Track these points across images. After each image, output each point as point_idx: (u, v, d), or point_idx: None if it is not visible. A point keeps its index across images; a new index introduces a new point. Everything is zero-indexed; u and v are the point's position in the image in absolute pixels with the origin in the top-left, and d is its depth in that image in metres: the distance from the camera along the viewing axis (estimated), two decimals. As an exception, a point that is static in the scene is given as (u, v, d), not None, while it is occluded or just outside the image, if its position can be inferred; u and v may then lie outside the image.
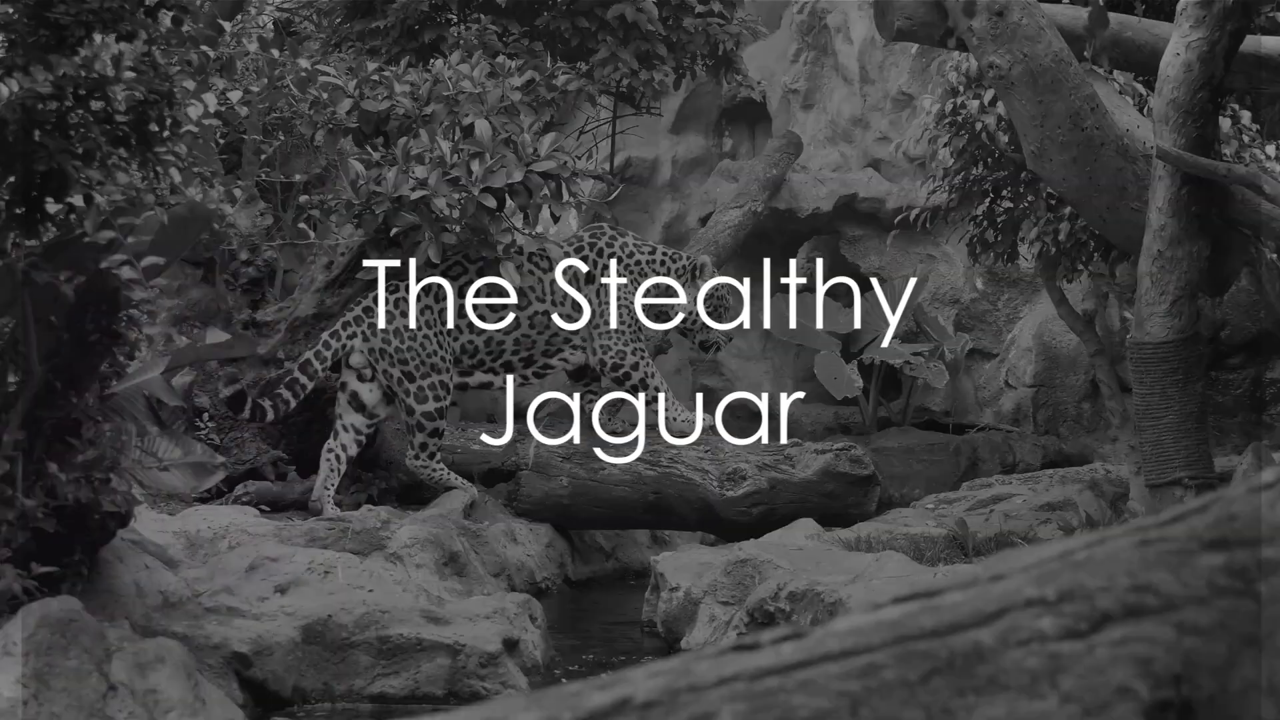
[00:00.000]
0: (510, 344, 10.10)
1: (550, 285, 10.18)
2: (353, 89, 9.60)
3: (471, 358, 10.08)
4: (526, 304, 10.11)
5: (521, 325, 10.09)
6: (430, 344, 9.85)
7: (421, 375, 9.81)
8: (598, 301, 10.24)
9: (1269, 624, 1.86)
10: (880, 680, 1.77)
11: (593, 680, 1.86)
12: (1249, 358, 14.05)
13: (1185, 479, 7.70)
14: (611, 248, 10.39)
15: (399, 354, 9.79)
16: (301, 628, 6.91)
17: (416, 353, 9.82)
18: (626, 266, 10.35)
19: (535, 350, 10.19)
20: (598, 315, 10.22)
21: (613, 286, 10.28)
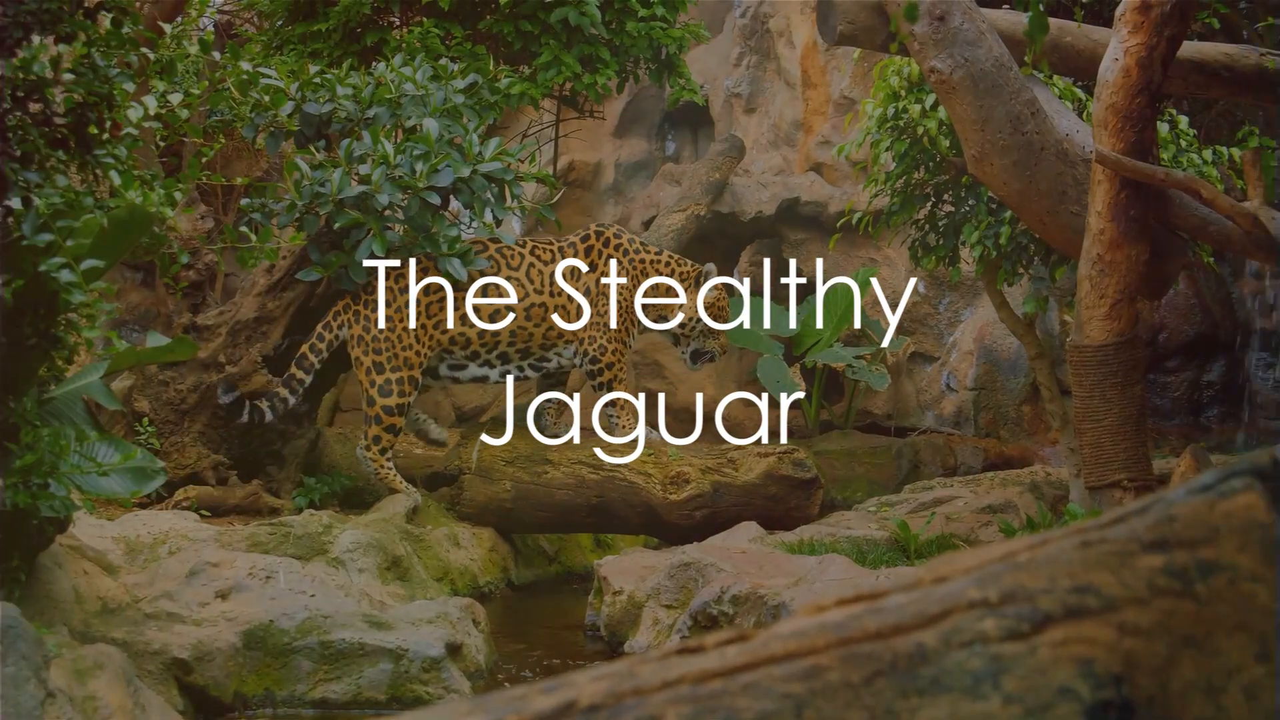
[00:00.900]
0: (505, 335, 10.12)
1: (549, 278, 10.21)
2: (294, 92, 9.55)
3: (464, 349, 10.08)
4: (524, 295, 10.14)
5: (518, 317, 10.12)
6: (408, 338, 9.87)
7: (392, 369, 9.83)
8: (595, 294, 10.25)
9: (1208, 624, 1.88)
10: (824, 682, 1.78)
11: (537, 684, 1.86)
12: (1186, 361, 14.18)
13: (1124, 481, 7.75)
14: (614, 247, 10.41)
15: (374, 343, 9.82)
16: (242, 633, 6.87)
17: (392, 345, 9.84)
18: (629, 266, 10.36)
19: (532, 343, 10.21)
20: (590, 298, 10.24)
21: (613, 285, 10.29)
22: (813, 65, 15.53)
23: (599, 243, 10.41)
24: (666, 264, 10.53)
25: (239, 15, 14.39)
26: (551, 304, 10.20)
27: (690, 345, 10.68)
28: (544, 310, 10.17)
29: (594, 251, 10.36)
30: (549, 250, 10.33)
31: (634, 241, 10.54)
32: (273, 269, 9.89)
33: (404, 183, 9.14)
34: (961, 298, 14.58)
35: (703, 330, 10.56)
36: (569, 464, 10.05)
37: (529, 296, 10.16)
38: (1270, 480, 1.99)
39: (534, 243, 10.41)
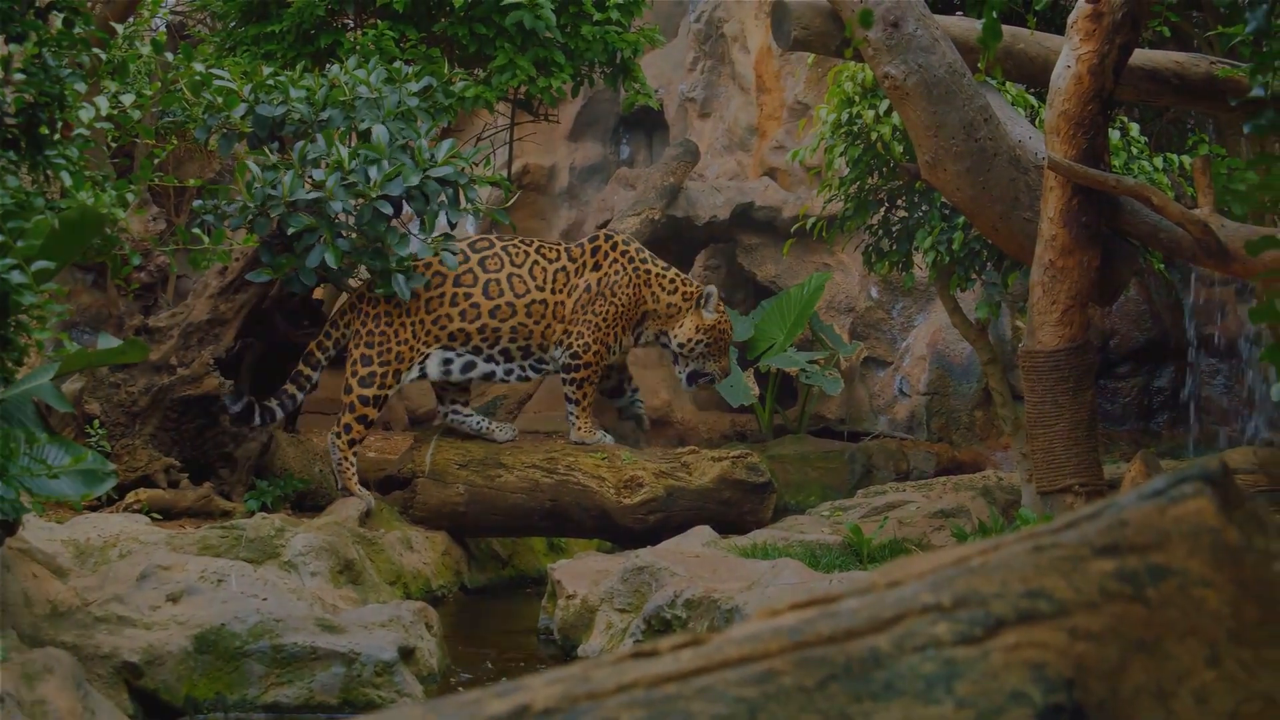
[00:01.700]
0: (507, 331, 10.13)
1: (553, 276, 10.21)
2: (247, 93, 9.51)
3: (465, 344, 10.10)
4: (525, 291, 10.14)
5: (518, 313, 10.12)
6: (404, 333, 9.91)
7: (380, 361, 9.88)
8: (594, 290, 10.23)
9: (1158, 629, 1.89)
10: (778, 686, 1.78)
11: (491, 688, 1.86)
12: (1137, 366, 14.27)
13: (1076, 486, 7.79)
14: (620, 252, 10.39)
15: (369, 336, 9.88)
16: (194, 637, 6.83)
17: (387, 339, 9.88)
18: (631, 274, 10.34)
19: (532, 341, 10.21)
20: (588, 303, 10.22)
21: (612, 283, 10.28)
22: (767, 70, 15.56)
23: (607, 245, 10.42)
24: (671, 280, 10.50)
25: (192, 16, 14.32)
26: (552, 301, 10.21)
27: (689, 366, 10.62)
28: (544, 308, 10.20)
29: (600, 253, 10.37)
30: (555, 249, 10.36)
31: (641, 252, 10.53)
32: (225, 271, 9.85)
33: (358, 191, 9.11)
34: (914, 303, 14.64)
35: (703, 352, 10.52)
36: (523, 468, 10.04)
37: (530, 293, 10.18)
38: (1220, 486, 2.00)
39: (540, 241, 10.45)
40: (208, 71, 9.50)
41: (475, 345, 10.14)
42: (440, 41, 12.07)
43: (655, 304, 10.39)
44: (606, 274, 10.28)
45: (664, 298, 10.40)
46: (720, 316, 10.51)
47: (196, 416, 9.76)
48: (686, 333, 10.43)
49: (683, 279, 10.60)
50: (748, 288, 15.39)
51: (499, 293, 10.14)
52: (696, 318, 10.43)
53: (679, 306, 10.44)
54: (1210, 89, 8.38)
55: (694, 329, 10.42)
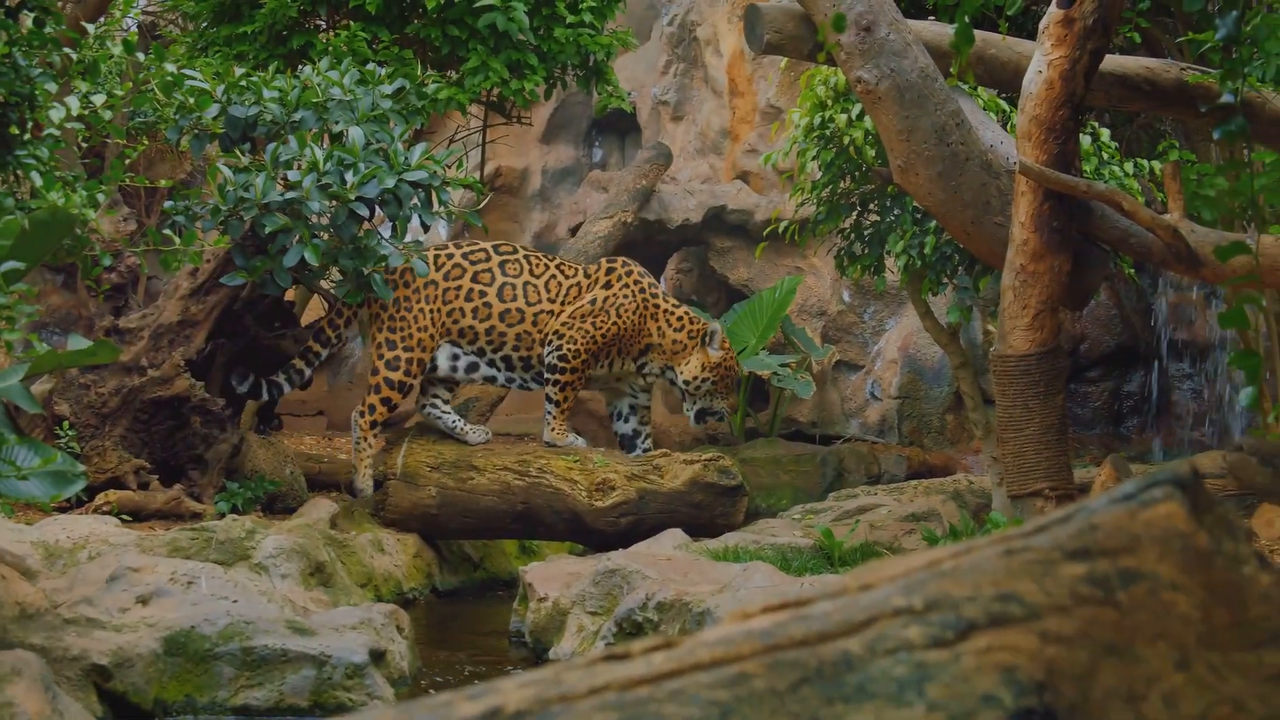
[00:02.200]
0: (512, 337, 10.16)
1: (566, 291, 10.23)
2: (220, 94, 9.48)
3: (471, 344, 10.14)
4: (536, 301, 10.16)
5: (525, 320, 10.14)
6: (424, 318, 9.96)
7: (404, 346, 9.94)
8: (597, 305, 10.24)
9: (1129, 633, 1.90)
10: (750, 689, 1.78)
11: (463, 690, 1.85)
12: (1107, 371, 14.33)
13: (1046, 490, 7.82)
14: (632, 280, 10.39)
15: (390, 321, 9.90)
16: (163, 639, 6.81)
17: (408, 324, 9.94)
18: (638, 300, 10.34)
19: (533, 353, 10.23)
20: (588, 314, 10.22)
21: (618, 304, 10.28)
22: (740, 74, 15.58)
23: (622, 270, 10.43)
24: (679, 319, 10.50)
25: (163, 16, 14.28)
26: (559, 313, 10.24)
27: (696, 404, 10.63)
28: (550, 319, 10.22)
29: (614, 274, 10.39)
30: (574, 268, 10.40)
31: (654, 285, 10.55)
32: (196, 272, 9.82)
33: (333, 193, 9.09)
34: (886, 307, 14.67)
35: (710, 390, 10.52)
36: (495, 470, 10.03)
37: (541, 304, 10.21)
38: (1190, 490, 2.01)
39: (561, 259, 10.48)
40: (179, 72, 9.47)
41: (480, 346, 10.21)
42: (413, 43, 12.05)
43: (660, 338, 10.40)
44: (615, 294, 10.30)
45: (670, 334, 10.41)
46: (726, 354, 10.53)
47: (167, 418, 9.72)
48: (693, 370, 10.45)
49: (690, 317, 10.61)
50: (720, 291, 15.40)
51: (512, 297, 10.21)
52: (703, 355, 10.45)
53: (685, 344, 10.46)
54: (1181, 95, 8.41)
55: (700, 366, 10.44)
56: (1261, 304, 9.79)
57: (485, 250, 10.33)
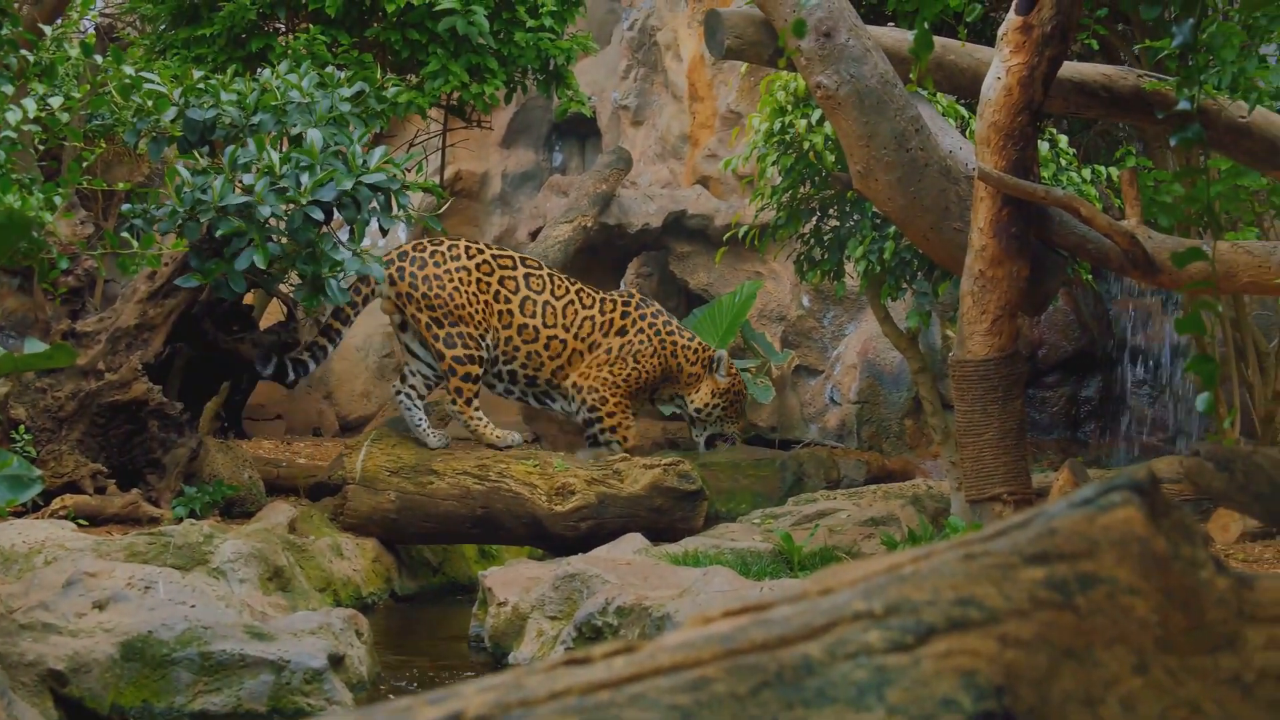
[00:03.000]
0: (524, 354, 10.15)
1: (580, 322, 10.20)
2: (178, 97, 9.44)
3: (491, 350, 10.14)
4: (552, 324, 10.14)
5: (539, 340, 10.13)
6: (460, 297, 9.96)
7: (450, 323, 9.91)
8: (614, 353, 10.23)
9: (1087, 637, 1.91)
10: (710, 694, 1.78)
11: (424, 695, 1.85)
12: (1065, 376, 14.40)
13: (1004, 494, 7.85)
14: (647, 322, 10.38)
15: (425, 299, 9.91)
16: (120, 644, 6.77)
17: (445, 301, 9.92)
18: (653, 340, 10.33)
19: (540, 374, 10.22)
20: (609, 359, 10.22)
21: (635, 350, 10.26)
22: (700, 79, 15.60)
23: (635, 313, 10.41)
24: (694, 351, 10.52)
25: (121, 18, 14.22)
26: (571, 346, 10.23)
27: (706, 430, 10.62)
28: (562, 348, 10.21)
29: (629, 319, 10.37)
30: (592, 298, 10.36)
31: (670, 324, 10.52)
32: (154, 276, 9.77)
33: (289, 197, 9.05)
34: (846, 312, 14.70)
35: (720, 416, 10.52)
36: (454, 475, 10.01)
37: (556, 329, 10.19)
38: (1148, 495, 2.02)
39: (582, 285, 10.44)
40: (137, 75, 9.42)
41: (494, 354, 10.19)
42: (372, 47, 12.03)
43: (679, 373, 10.42)
44: (631, 341, 10.30)
45: (686, 368, 10.43)
46: (733, 379, 10.54)
47: (124, 422, 9.67)
48: (703, 398, 10.46)
49: (700, 346, 10.61)
50: (680, 296, 15.42)
51: (532, 314, 10.20)
52: (711, 383, 10.46)
53: (698, 374, 10.47)
54: (1138, 102, 8.46)
55: (710, 394, 10.45)
56: (1218, 310, 9.88)
57: (513, 258, 10.34)
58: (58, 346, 3.34)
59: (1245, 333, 10.42)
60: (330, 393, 15.04)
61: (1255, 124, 8.25)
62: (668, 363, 10.34)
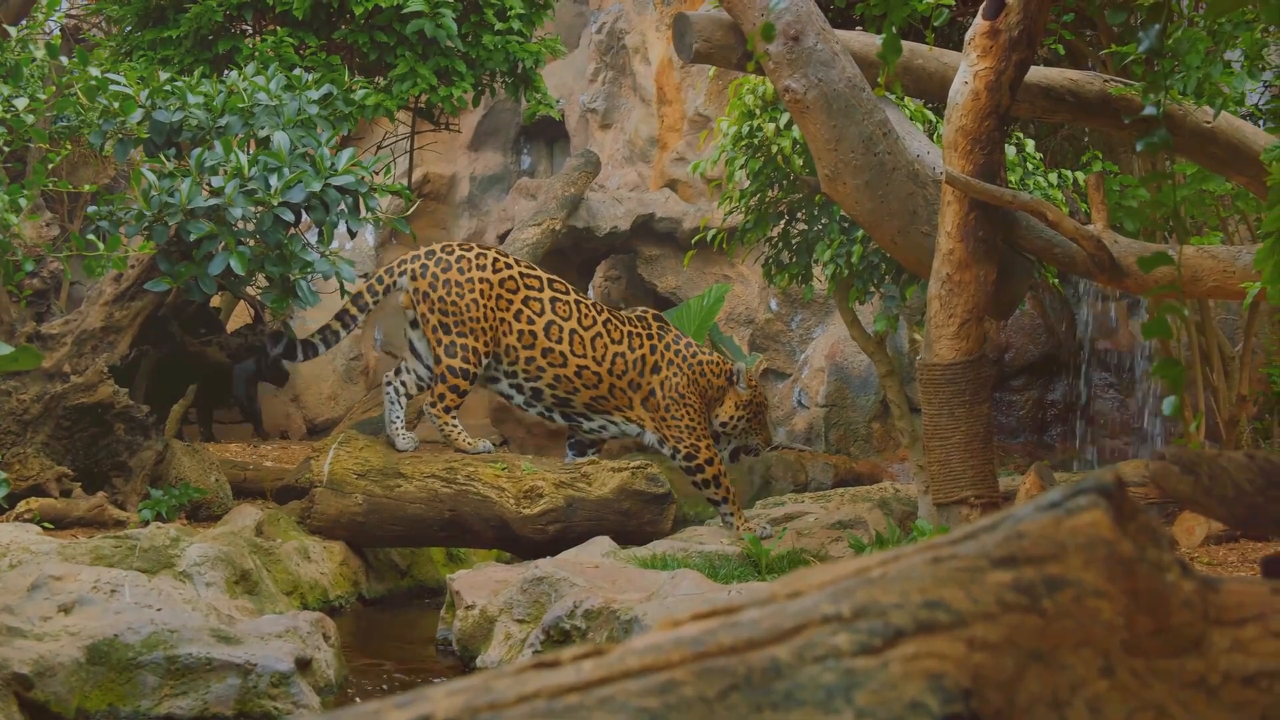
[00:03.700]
0: (550, 376, 10.11)
1: (614, 359, 10.16)
2: (144, 99, 9.40)
3: (510, 363, 10.11)
4: (582, 354, 10.10)
5: (568, 366, 10.09)
6: (475, 310, 9.90)
7: (458, 333, 9.89)
8: (662, 393, 10.18)
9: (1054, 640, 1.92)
10: (679, 697, 1.79)
11: (392, 698, 1.85)
12: (1031, 380, 14.45)
13: (971, 498, 7.87)
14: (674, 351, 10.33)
15: (440, 303, 9.95)
16: (86, 648, 6.74)
17: (459, 311, 9.87)
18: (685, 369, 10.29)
19: (574, 399, 10.19)
20: (657, 406, 10.18)
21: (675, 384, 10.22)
22: (668, 82, 15.61)
23: (661, 345, 10.33)
24: (718, 366, 10.46)
25: (87, 20, 14.16)
26: (608, 381, 10.18)
27: (731, 443, 10.57)
28: (596, 379, 10.16)
29: (656, 352, 10.31)
30: (619, 330, 10.28)
31: (690, 346, 10.43)
32: (120, 278, 9.72)
33: (258, 199, 9.02)
34: (813, 315, 14.73)
35: (744, 428, 10.49)
36: (422, 478, 9.99)
37: (585, 359, 10.14)
38: (1115, 498, 2.03)
39: (610, 313, 10.37)
40: (103, 76, 9.39)
41: (512, 369, 10.16)
42: (340, 49, 12.01)
43: (711, 390, 10.38)
44: (666, 377, 10.25)
45: (715, 380, 10.39)
46: (755, 390, 10.49)
47: (90, 425, 9.63)
48: (728, 411, 10.40)
49: (720, 360, 10.58)
50: (648, 299, 15.42)
51: (558, 339, 10.14)
52: (734, 395, 10.41)
53: (721, 387, 10.44)
54: (1104, 106, 8.50)
55: (734, 406, 10.40)
56: (1183, 314, 9.93)
57: (540, 279, 10.27)
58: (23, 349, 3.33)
59: (1210, 337, 10.48)
60: (298, 395, 15.00)
61: (1220, 129, 8.30)
62: (698, 383, 10.31)
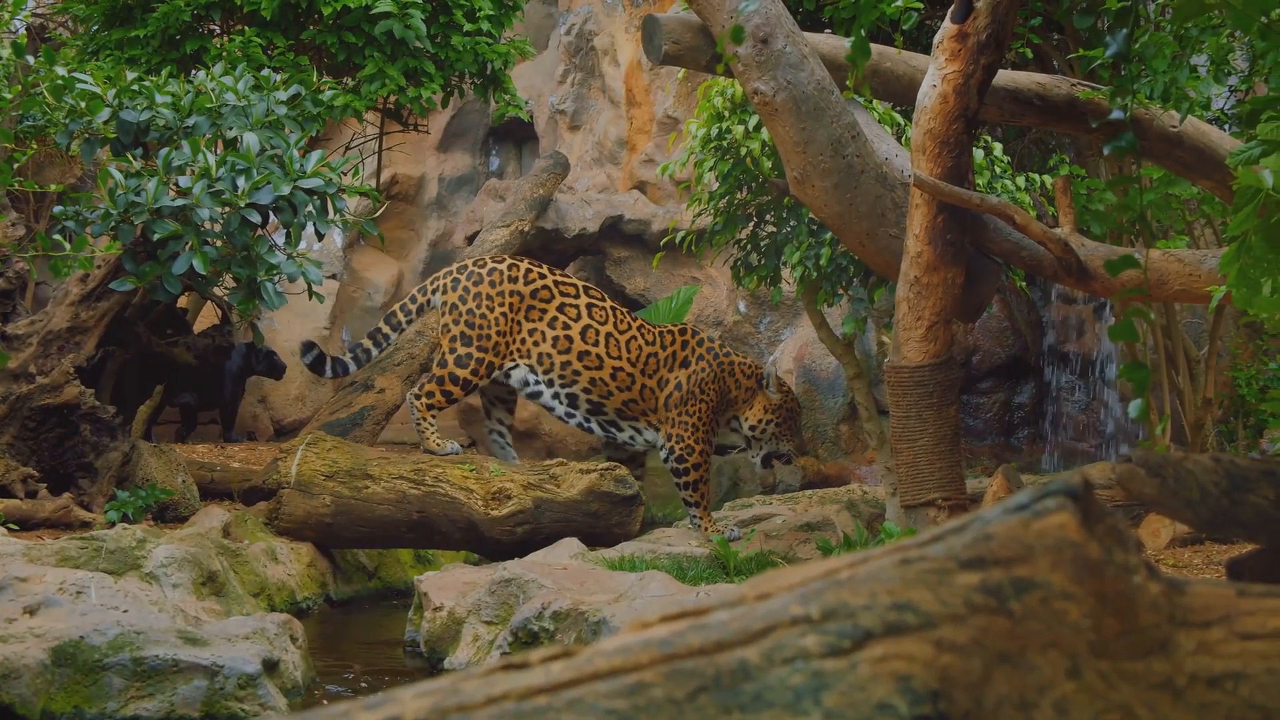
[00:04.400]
0: (586, 380, 10.08)
1: (647, 358, 10.13)
2: (111, 98, 9.36)
3: (546, 373, 10.07)
4: (617, 356, 10.08)
5: (604, 368, 10.06)
6: (503, 323, 9.90)
7: (479, 347, 9.90)
8: (684, 389, 10.15)
9: (1021, 641, 1.92)
10: (648, 698, 1.79)
11: (361, 700, 1.85)
12: (999, 382, 14.50)
13: (939, 500, 7.89)
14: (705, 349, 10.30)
15: (469, 316, 10.04)
16: (51, 650, 6.71)
17: (487, 325, 9.87)
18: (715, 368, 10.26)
19: (608, 403, 10.16)
20: (677, 400, 10.15)
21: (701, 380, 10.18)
22: (637, 84, 15.62)
23: (694, 341, 10.30)
24: (749, 369, 10.43)
25: (53, 19, 14.09)
26: (640, 381, 10.16)
27: (763, 449, 10.50)
28: (630, 381, 10.14)
29: (688, 348, 10.29)
30: (652, 333, 10.28)
31: (724, 346, 10.41)
32: (87, 278, 9.68)
33: (225, 200, 8.99)
34: (782, 317, 14.76)
35: (775, 433, 10.45)
36: (390, 479, 9.97)
37: (621, 361, 10.13)
38: (1082, 500, 2.04)
39: (642, 320, 10.38)
40: (70, 75, 9.35)
41: (550, 377, 10.16)
42: (309, 49, 11.98)
43: (737, 391, 10.33)
44: (695, 371, 10.22)
45: (744, 382, 10.34)
46: (785, 394, 10.45)
47: (56, 426, 9.58)
48: (756, 414, 10.35)
49: (752, 363, 10.56)
50: (617, 300, 15.41)
51: (594, 342, 10.14)
52: (763, 399, 10.36)
53: (752, 390, 10.41)
54: (1071, 110, 8.53)
55: (763, 410, 10.35)
56: (1150, 317, 9.97)
57: (575, 286, 10.28)
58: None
59: (1176, 340, 10.53)
60: (265, 396, 14.95)
61: (1186, 133, 8.33)
62: (725, 384, 10.27)
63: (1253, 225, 4.45)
